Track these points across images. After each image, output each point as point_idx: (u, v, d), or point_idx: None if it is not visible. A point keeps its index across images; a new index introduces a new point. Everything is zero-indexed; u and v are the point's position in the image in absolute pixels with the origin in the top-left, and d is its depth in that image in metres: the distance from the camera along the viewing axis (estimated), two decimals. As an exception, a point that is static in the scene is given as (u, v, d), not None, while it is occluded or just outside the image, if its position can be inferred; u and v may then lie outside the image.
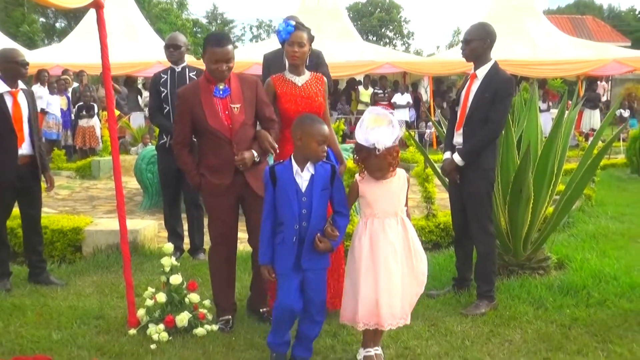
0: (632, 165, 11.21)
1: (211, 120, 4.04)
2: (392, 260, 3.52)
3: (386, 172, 3.54)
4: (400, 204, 3.62)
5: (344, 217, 3.58)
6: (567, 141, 5.41)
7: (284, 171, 3.54)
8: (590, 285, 4.93)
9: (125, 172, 9.80)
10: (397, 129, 3.48)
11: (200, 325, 4.16)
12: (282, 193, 3.52)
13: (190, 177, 4.25)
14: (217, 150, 4.10)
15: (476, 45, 4.59)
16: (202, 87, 4.12)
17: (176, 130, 4.26)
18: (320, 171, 3.54)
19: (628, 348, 3.94)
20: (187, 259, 5.93)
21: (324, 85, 4.51)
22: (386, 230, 3.55)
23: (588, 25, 38.44)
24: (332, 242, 3.51)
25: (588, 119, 17.27)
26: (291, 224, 3.49)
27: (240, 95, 4.13)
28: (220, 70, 4.02)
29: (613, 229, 6.99)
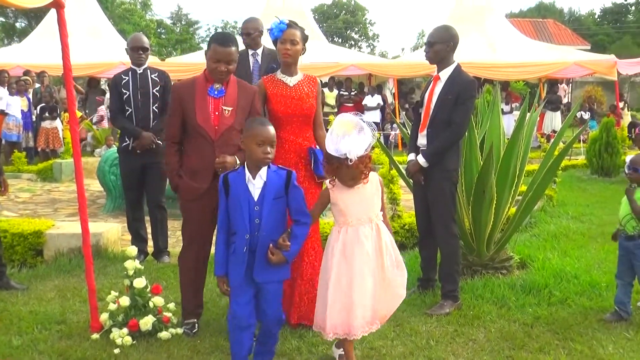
0: (592, 166, 11.43)
1: (199, 117, 3.98)
2: (366, 270, 3.41)
3: (358, 180, 3.43)
4: (374, 208, 3.51)
5: (302, 225, 3.42)
6: (529, 142, 5.49)
7: (236, 179, 3.41)
8: (551, 284, 5.02)
9: (88, 174, 9.61)
10: (368, 136, 3.33)
11: (164, 328, 4.12)
12: (234, 201, 3.38)
13: (171, 177, 4.16)
14: (199, 152, 4.02)
15: (439, 48, 4.64)
16: (198, 83, 4.07)
17: (167, 125, 4.22)
18: (274, 178, 3.39)
19: (588, 345, 4.02)
20: (151, 262, 5.87)
21: (317, 86, 4.40)
22: (361, 239, 3.43)
23: (549, 29, 39.14)
24: (286, 253, 3.35)
25: (549, 120, 17.58)
26: (242, 233, 3.35)
27: (234, 100, 4.05)
28: (220, 70, 3.95)
29: (574, 229, 7.12)
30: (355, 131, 3.32)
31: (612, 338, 4.12)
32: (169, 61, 18.81)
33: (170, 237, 6.24)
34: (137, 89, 5.72)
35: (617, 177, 10.88)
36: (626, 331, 4.23)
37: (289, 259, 3.39)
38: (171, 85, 6.07)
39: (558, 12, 55.21)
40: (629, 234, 4.36)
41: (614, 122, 11.61)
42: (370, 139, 3.34)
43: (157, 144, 5.77)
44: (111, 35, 19.43)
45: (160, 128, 5.82)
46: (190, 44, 48.20)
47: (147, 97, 5.76)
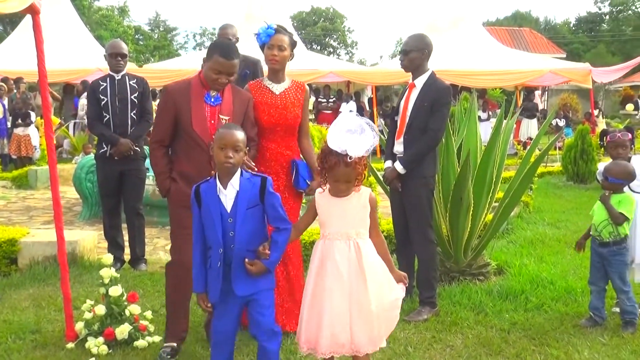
0: (567, 173, 11.56)
1: (196, 125, 3.78)
2: (336, 290, 3.14)
3: (352, 184, 3.18)
4: (356, 226, 3.22)
5: (281, 232, 3.25)
6: (506, 149, 5.54)
7: (208, 190, 3.22)
8: (528, 290, 5.06)
9: (64, 181, 9.55)
10: (370, 139, 3.13)
11: (141, 337, 4.08)
12: (206, 214, 3.21)
13: (160, 180, 3.90)
14: (193, 157, 3.81)
15: (415, 56, 4.68)
16: (193, 88, 3.86)
17: (155, 128, 3.95)
18: (247, 186, 3.20)
19: (564, 350, 4.05)
20: (128, 270, 5.81)
21: (304, 94, 4.27)
22: (334, 255, 3.18)
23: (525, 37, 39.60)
24: (267, 261, 3.20)
25: (526, 128, 17.76)
26: (216, 247, 3.18)
27: (230, 108, 3.87)
28: (220, 82, 3.79)
29: (550, 235, 7.19)
30: (359, 130, 3.15)
31: (588, 343, 4.16)
32: (147, 67, 18.72)
33: (147, 244, 6.20)
34: (115, 95, 5.69)
35: (592, 183, 11.01)
36: (601, 336, 4.27)
37: (270, 267, 3.24)
38: (149, 91, 6.06)
39: (534, 20, 55.87)
40: (604, 240, 4.41)
41: (589, 129, 11.75)
42: (372, 143, 3.15)
43: (135, 151, 5.74)
44: (88, 42, 19.27)
45: (138, 134, 5.81)
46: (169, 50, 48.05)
47: (125, 104, 5.73)
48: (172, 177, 3.87)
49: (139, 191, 5.94)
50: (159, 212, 7.72)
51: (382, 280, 3.24)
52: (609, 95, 35.03)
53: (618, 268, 4.40)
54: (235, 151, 3.16)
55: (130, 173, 5.80)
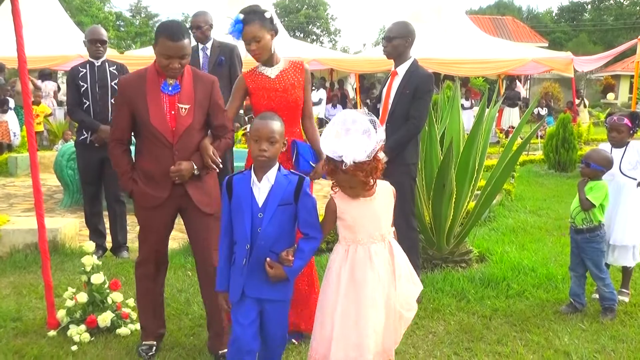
0: (549, 161, 11.63)
1: (154, 119, 3.47)
2: (379, 298, 2.92)
3: (360, 190, 2.92)
4: (387, 224, 3.03)
5: (310, 240, 2.99)
6: (488, 138, 5.57)
7: (241, 181, 3.02)
8: (509, 277, 5.11)
9: (45, 168, 9.50)
10: (373, 140, 2.80)
11: (123, 324, 4.08)
12: (236, 207, 3.00)
13: (123, 181, 3.66)
14: (155, 155, 3.54)
15: (398, 42, 4.67)
16: (149, 78, 3.54)
17: (113, 125, 3.67)
18: (282, 182, 2.98)
19: (545, 336, 4.10)
20: (110, 257, 5.79)
21: (304, 73, 3.97)
22: (373, 260, 2.94)
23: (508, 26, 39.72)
24: (288, 269, 2.93)
25: (508, 116, 17.88)
26: (243, 243, 2.97)
27: (191, 95, 3.55)
28: (172, 68, 3.44)
29: (531, 223, 7.25)
30: (358, 131, 2.80)
31: (568, 329, 4.21)
32: (128, 54, 18.53)
33: (129, 232, 6.16)
34: (95, 82, 5.63)
35: (573, 172, 11.10)
36: (581, 322, 4.33)
37: (290, 276, 2.97)
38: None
39: (516, 9, 56.06)
40: (578, 227, 4.46)
41: (570, 118, 11.81)
42: (374, 144, 2.80)
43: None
44: (68, 28, 19.04)
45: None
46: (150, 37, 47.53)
47: (105, 90, 5.67)
48: (133, 178, 3.62)
49: (120, 178, 5.89)
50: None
51: (407, 276, 3.08)
52: (590, 84, 35.32)
53: (592, 255, 4.45)
54: (270, 143, 2.95)
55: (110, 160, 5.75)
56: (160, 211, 3.61)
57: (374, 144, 2.81)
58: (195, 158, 3.56)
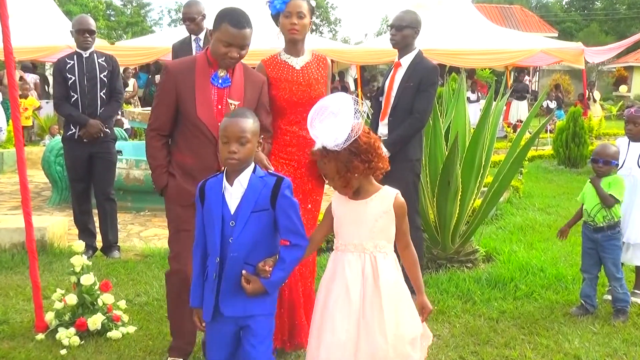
0: (558, 156, 11.64)
1: (201, 110, 3.38)
2: (340, 310, 2.73)
3: (338, 187, 2.77)
4: (374, 237, 2.77)
5: (292, 249, 2.79)
6: (495, 132, 5.57)
7: (213, 186, 2.84)
8: (517, 277, 5.12)
9: (33, 165, 9.49)
10: (345, 125, 2.65)
11: (115, 327, 4.08)
12: (207, 214, 2.83)
13: (156, 175, 3.51)
14: (197, 149, 3.43)
15: (408, 32, 4.66)
16: (199, 66, 3.45)
17: (153, 114, 3.52)
18: (256, 185, 2.77)
19: (554, 340, 4.11)
20: (100, 257, 5.80)
21: (327, 69, 3.88)
22: (344, 268, 2.77)
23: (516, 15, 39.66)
24: (266, 281, 2.74)
25: (516, 110, 17.88)
26: (213, 255, 2.80)
27: (241, 92, 3.47)
28: (231, 57, 3.35)
29: (540, 221, 7.26)
30: (333, 112, 2.70)
31: (578, 332, 4.22)
32: (119, 45, 18.51)
33: (121, 231, 6.18)
34: (83, 74, 5.63)
35: (584, 168, 11.11)
36: (592, 325, 4.34)
37: (269, 289, 2.77)
38: (119, 71, 6.00)
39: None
40: (598, 225, 4.45)
41: (581, 111, 11.80)
42: (347, 130, 2.64)
43: (105, 132, 5.70)
44: (56, 17, 19.00)
45: (108, 115, 5.77)
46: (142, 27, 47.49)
47: (94, 83, 5.68)
48: (170, 172, 3.49)
49: (109, 175, 5.90)
50: (133, 197, 7.71)
51: (402, 306, 2.77)
52: (602, 76, 35.30)
53: (612, 253, 4.46)
54: (240, 144, 2.74)
55: (100, 156, 5.77)
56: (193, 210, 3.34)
57: (346, 134, 2.64)
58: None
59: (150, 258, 5.72)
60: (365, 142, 2.69)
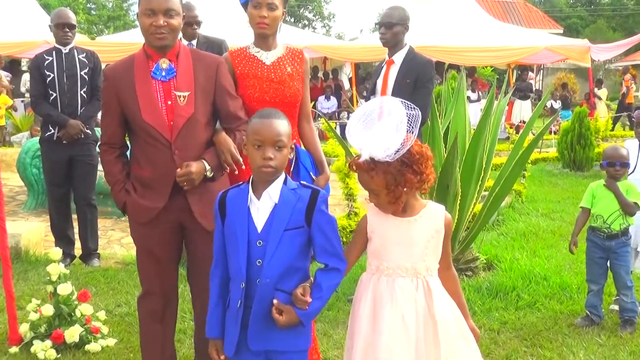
0: (563, 159, 11.68)
1: (146, 112, 3.09)
2: (399, 342, 2.51)
3: (384, 203, 2.57)
4: (427, 258, 2.61)
5: (330, 273, 2.56)
6: (496, 133, 5.58)
7: (236, 198, 2.60)
8: (520, 286, 5.13)
9: (7, 167, 9.47)
10: (399, 138, 2.44)
11: (94, 340, 4.07)
12: (230, 232, 2.58)
13: (115, 193, 3.29)
14: (151, 157, 3.15)
15: (399, 30, 4.73)
16: (137, 64, 3.16)
17: (102, 126, 3.30)
18: (289, 199, 2.54)
19: (558, 352, 4.12)
20: (79, 265, 5.78)
21: (304, 64, 3.58)
22: (396, 294, 2.57)
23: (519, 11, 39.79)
24: (302, 312, 2.48)
25: (518, 110, 17.93)
26: (237, 280, 2.55)
27: (190, 79, 3.16)
28: (157, 26, 3.02)
29: (544, 227, 7.28)
30: (389, 123, 2.46)
31: (583, 344, 4.23)
32: (100, 40, 18.52)
33: (101, 237, 6.16)
34: (62, 71, 5.61)
35: (590, 171, 11.17)
36: (598, 336, 4.35)
37: (304, 321, 2.52)
38: (101, 68, 5.98)
39: (528, -8, 56.18)
40: (614, 232, 4.45)
41: (587, 111, 11.83)
42: (400, 138, 2.44)
43: (86, 134, 5.68)
44: (33, 11, 18.98)
45: (90, 115, 5.75)
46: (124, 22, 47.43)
47: (74, 80, 5.66)
48: (125, 189, 3.26)
49: (90, 179, 5.88)
50: (114, 202, 7.66)
51: (456, 334, 2.61)
52: (609, 74, 35.44)
53: (625, 261, 4.48)
54: (277, 149, 2.51)
55: (80, 159, 5.74)
56: (157, 227, 3.22)
57: (399, 144, 2.44)
58: (208, 157, 3.16)
59: (132, 266, 5.69)
60: (417, 151, 2.52)
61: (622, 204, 4.39)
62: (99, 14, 46.41)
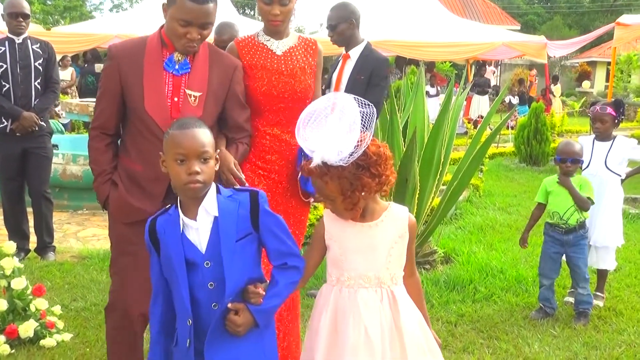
0: (520, 154, 11.84)
1: (150, 103, 2.84)
2: (361, 355, 2.34)
3: (340, 209, 2.38)
4: (391, 267, 2.43)
5: (289, 271, 2.38)
6: (455, 128, 5.63)
7: (167, 225, 2.32)
8: (477, 279, 5.20)
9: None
10: (352, 139, 2.23)
11: (49, 335, 4.01)
12: (167, 265, 2.31)
13: (98, 184, 2.98)
14: (146, 153, 2.85)
15: (343, 27, 4.74)
16: (149, 49, 2.91)
17: (97, 108, 3.02)
18: (229, 208, 2.30)
19: (514, 344, 4.19)
20: (34, 259, 5.69)
21: (317, 56, 3.31)
22: (360, 310, 2.38)
23: (478, 7, 40.20)
24: (256, 311, 2.28)
25: (477, 105, 18.13)
26: (183, 317, 2.29)
27: (204, 80, 2.93)
28: (190, 39, 2.82)
29: (501, 221, 7.38)
30: (342, 122, 2.26)
31: (538, 335, 4.31)
32: (55, 31, 18.16)
33: (56, 231, 6.07)
34: (15, 61, 5.50)
35: (546, 165, 11.34)
36: (552, 328, 4.43)
37: (259, 319, 2.29)
38: (56, 59, 5.87)
39: (487, -12, 56.75)
40: (571, 226, 4.52)
41: (543, 107, 12.01)
42: (354, 139, 2.23)
43: (40, 126, 5.58)
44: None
45: (43, 107, 5.65)
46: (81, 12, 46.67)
47: (28, 71, 5.55)
48: (113, 181, 2.97)
49: (45, 172, 5.78)
50: (70, 195, 7.58)
51: (424, 347, 2.44)
52: (564, 71, 36.05)
53: (583, 253, 4.56)
54: (203, 162, 2.25)
55: (34, 151, 5.64)
56: (140, 230, 2.71)
57: (353, 146, 2.23)
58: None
59: (88, 260, 5.63)
60: (374, 152, 2.32)
61: (576, 200, 4.46)
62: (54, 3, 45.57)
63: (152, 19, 13.05)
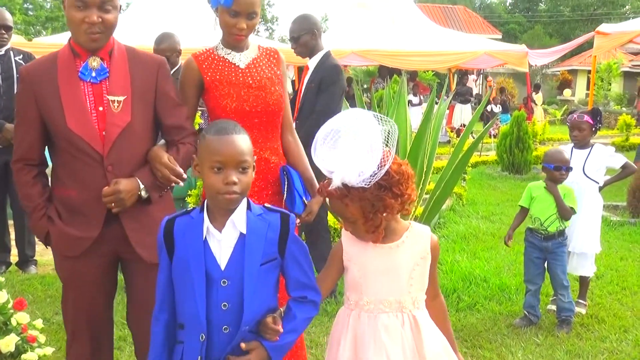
0: (502, 162, 11.88)
1: (71, 119, 2.59)
2: None
3: (361, 231, 2.26)
4: (413, 290, 2.31)
5: (307, 305, 2.24)
6: (437, 137, 5.66)
7: (187, 229, 2.17)
8: (460, 288, 5.20)
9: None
10: (374, 160, 2.12)
11: (30, 349, 3.96)
12: (181, 271, 2.15)
13: (34, 221, 2.75)
14: (79, 175, 2.65)
15: (306, 39, 4.79)
16: (61, 62, 2.66)
17: (16, 138, 2.77)
18: (259, 228, 2.16)
19: (497, 352, 4.19)
20: (15, 273, 5.64)
21: (280, 64, 3.12)
22: (380, 336, 2.26)
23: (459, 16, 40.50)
24: (270, 344, 2.13)
25: (459, 113, 18.23)
26: (194, 330, 2.12)
27: (126, 82, 2.69)
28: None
29: (484, 229, 7.40)
30: (362, 142, 2.13)
31: (522, 344, 4.32)
32: (37, 41, 18.07)
33: (38, 244, 6.00)
34: (-3, 74, 5.46)
35: (528, 174, 11.39)
36: (535, 336, 4.44)
37: (273, 356, 2.14)
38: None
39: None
40: (550, 233, 4.54)
41: (525, 115, 12.07)
42: (375, 159, 2.12)
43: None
44: (-33, 11, 18.46)
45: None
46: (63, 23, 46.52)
47: (10, 83, 5.51)
48: (48, 216, 2.73)
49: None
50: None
51: None
52: (546, 79, 36.34)
53: (562, 260, 4.58)
54: (242, 171, 2.12)
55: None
56: (91, 261, 2.72)
57: (375, 167, 2.12)
58: (141, 174, 2.68)
59: (71, 273, 5.58)
60: (396, 170, 2.20)
61: (560, 208, 4.49)
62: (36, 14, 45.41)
63: (135, 28, 13.06)
